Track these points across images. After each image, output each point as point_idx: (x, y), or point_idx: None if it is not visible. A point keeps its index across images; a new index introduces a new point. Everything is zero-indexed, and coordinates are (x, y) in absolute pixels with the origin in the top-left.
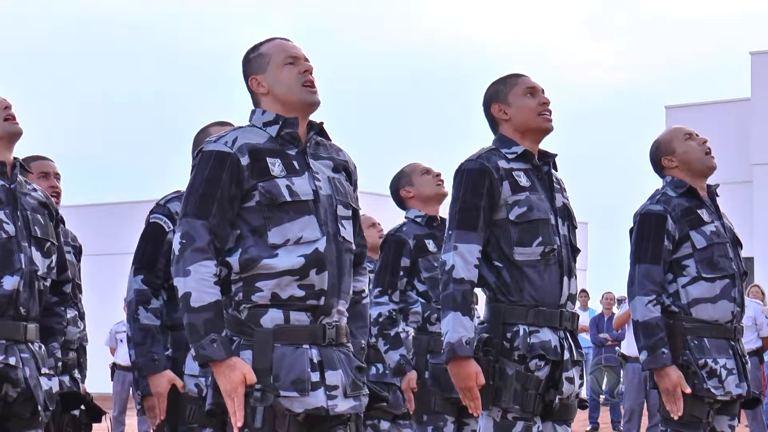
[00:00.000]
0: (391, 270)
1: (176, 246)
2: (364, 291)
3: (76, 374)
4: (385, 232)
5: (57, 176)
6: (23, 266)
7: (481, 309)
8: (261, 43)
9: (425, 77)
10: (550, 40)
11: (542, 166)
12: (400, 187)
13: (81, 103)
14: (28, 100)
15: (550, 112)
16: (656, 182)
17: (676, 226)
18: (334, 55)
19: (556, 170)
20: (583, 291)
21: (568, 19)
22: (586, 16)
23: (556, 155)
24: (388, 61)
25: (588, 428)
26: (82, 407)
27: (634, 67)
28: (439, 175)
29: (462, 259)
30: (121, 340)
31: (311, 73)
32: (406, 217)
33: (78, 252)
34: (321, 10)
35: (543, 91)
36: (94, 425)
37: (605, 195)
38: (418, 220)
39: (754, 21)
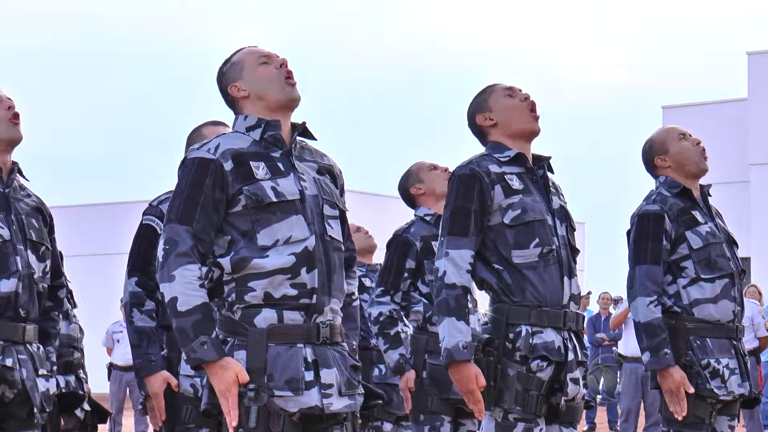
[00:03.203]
0: (395, 271)
1: (160, 252)
2: (354, 293)
3: (82, 374)
4: (385, 232)
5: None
6: (20, 269)
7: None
8: (231, 56)
9: (425, 78)
10: (549, 40)
11: (536, 169)
12: (409, 186)
13: (80, 103)
14: (28, 100)
15: (535, 104)
16: (653, 183)
17: (672, 226)
18: (334, 55)
19: (552, 173)
20: (589, 293)
21: (568, 19)
22: (586, 16)
23: (550, 158)
24: (389, 61)
25: (585, 428)
26: (88, 408)
27: (631, 68)
28: (446, 170)
29: (453, 264)
30: (118, 341)
31: (287, 66)
32: (415, 215)
33: (60, 256)
34: (320, 10)
35: (521, 89)
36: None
37: (602, 195)
38: (428, 218)
39: (751, 21)
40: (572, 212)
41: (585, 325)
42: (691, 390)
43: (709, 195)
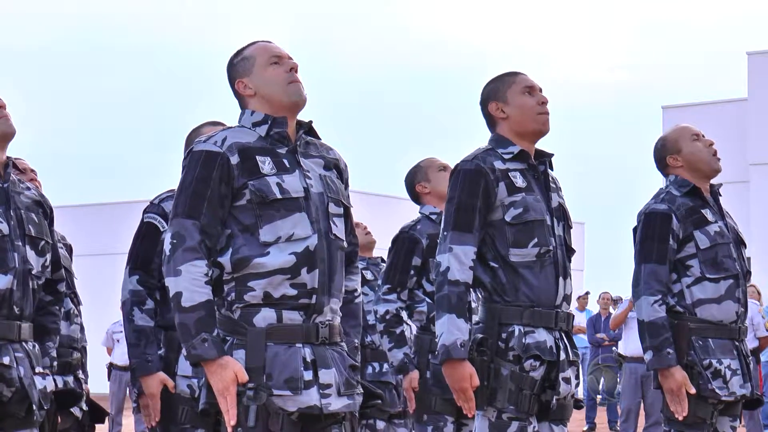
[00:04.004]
0: (402, 268)
1: (167, 246)
2: (356, 290)
3: (81, 374)
4: (384, 232)
5: (33, 171)
6: (17, 265)
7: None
8: (244, 48)
9: (425, 78)
10: (549, 40)
11: (538, 165)
12: (415, 182)
13: (80, 103)
14: (28, 100)
15: (548, 112)
16: (653, 182)
17: (680, 225)
18: (334, 55)
19: (552, 170)
20: (587, 293)
21: (568, 19)
22: (586, 16)
23: (552, 155)
24: (389, 61)
25: (585, 428)
26: (85, 408)
27: (631, 68)
28: None
29: (457, 260)
30: (118, 340)
31: (296, 71)
32: (420, 212)
33: (69, 251)
34: (320, 10)
35: (541, 89)
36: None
37: (602, 195)
38: (433, 217)
39: (751, 21)
40: (572, 212)
41: (585, 325)
42: (692, 390)
43: (720, 195)
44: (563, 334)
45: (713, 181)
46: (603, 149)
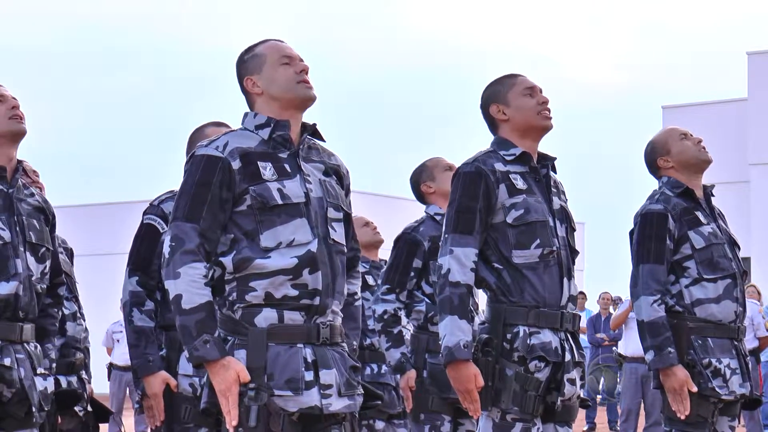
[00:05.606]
0: (402, 269)
1: (166, 249)
2: (356, 294)
3: (84, 375)
4: (383, 232)
5: (35, 173)
6: (20, 271)
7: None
8: (255, 45)
9: (425, 78)
10: (549, 40)
11: (540, 168)
12: (421, 182)
13: (80, 103)
14: (28, 100)
15: (550, 110)
16: (653, 182)
17: (676, 225)
18: (334, 55)
19: (555, 173)
20: (581, 293)
21: (568, 19)
22: (586, 16)
23: (555, 158)
24: (389, 61)
25: (585, 428)
26: (89, 408)
27: (631, 68)
28: None
29: (458, 262)
30: (118, 340)
31: (307, 73)
32: (425, 212)
33: (70, 255)
34: (320, 10)
35: (541, 90)
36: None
37: (602, 195)
38: (438, 218)
39: (751, 21)
40: (572, 212)
41: (585, 325)
42: (694, 389)
43: (713, 195)
44: (569, 335)
45: (707, 181)
46: (603, 149)
